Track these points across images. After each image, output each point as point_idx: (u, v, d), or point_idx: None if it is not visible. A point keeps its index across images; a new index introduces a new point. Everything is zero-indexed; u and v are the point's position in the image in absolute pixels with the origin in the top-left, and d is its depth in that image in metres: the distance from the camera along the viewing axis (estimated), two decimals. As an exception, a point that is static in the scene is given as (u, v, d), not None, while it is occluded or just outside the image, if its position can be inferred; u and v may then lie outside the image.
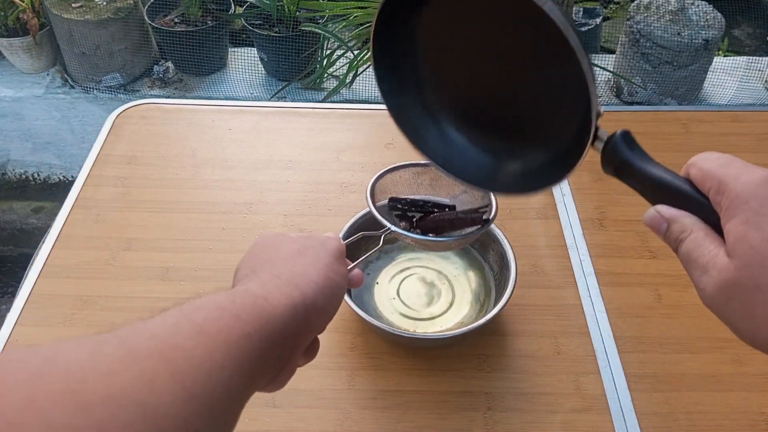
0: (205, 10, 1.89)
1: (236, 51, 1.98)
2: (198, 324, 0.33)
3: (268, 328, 0.36)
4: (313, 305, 0.41)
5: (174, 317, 0.33)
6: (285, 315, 0.38)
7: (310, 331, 0.42)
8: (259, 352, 0.35)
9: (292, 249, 0.45)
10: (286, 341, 0.38)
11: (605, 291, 0.76)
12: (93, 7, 1.79)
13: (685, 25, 1.67)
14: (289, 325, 0.38)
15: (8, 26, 1.83)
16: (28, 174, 2.07)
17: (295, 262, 0.43)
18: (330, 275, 0.43)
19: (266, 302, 0.37)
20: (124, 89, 1.90)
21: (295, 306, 0.39)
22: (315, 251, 0.45)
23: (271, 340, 0.36)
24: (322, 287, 0.42)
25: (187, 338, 0.32)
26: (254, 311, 0.36)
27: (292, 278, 0.41)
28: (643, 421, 0.64)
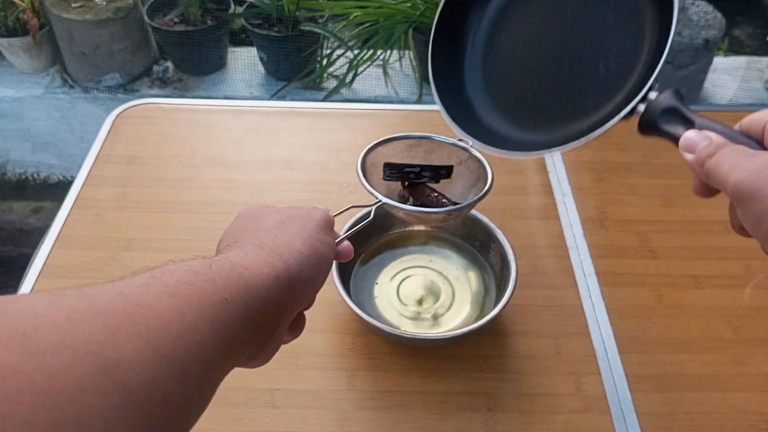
0: (204, 10, 1.88)
1: (236, 51, 1.98)
2: (169, 286, 0.32)
3: (247, 296, 0.35)
4: (298, 275, 0.39)
5: (144, 278, 0.32)
6: (267, 284, 0.37)
7: (295, 303, 0.40)
8: (239, 320, 0.33)
9: (276, 219, 0.44)
10: (269, 312, 0.37)
11: (606, 291, 0.76)
12: (93, 7, 1.79)
13: (685, 25, 1.67)
14: (271, 295, 0.37)
15: (8, 26, 1.83)
16: (28, 174, 2.06)
17: (280, 231, 0.42)
18: (315, 245, 0.42)
19: (246, 270, 0.36)
20: (123, 89, 1.90)
21: (278, 276, 0.38)
22: (300, 221, 0.44)
23: (251, 308, 0.35)
24: (307, 257, 0.41)
25: (156, 299, 0.30)
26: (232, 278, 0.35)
27: (275, 248, 0.40)
28: (644, 421, 0.64)
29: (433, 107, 1.03)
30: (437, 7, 0.49)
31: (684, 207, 0.86)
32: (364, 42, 1.70)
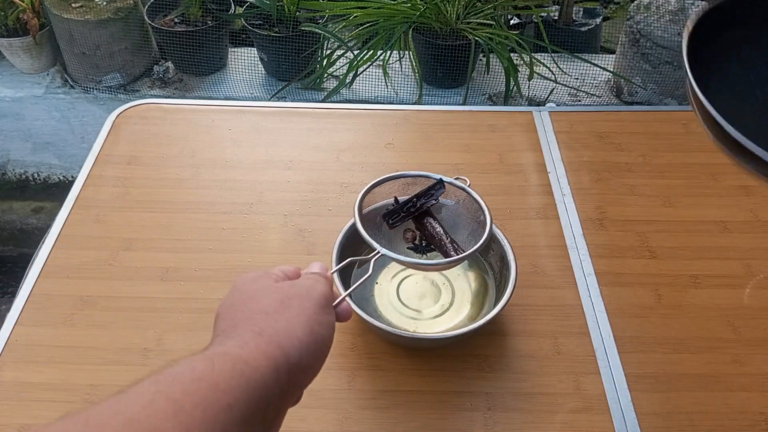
0: (205, 10, 1.89)
1: (236, 51, 1.97)
2: (175, 401, 0.32)
3: (249, 394, 0.35)
4: (297, 364, 0.39)
5: (149, 393, 0.32)
6: (266, 378, 0.37)
7: (295, 390, 0.40)
8: (241, 422, 0.34)
9: (274, 300, 0.43)
10: (271, 403, 0.37)
11: (605, 291, 0.76)
12: (93, 7, 1.79)
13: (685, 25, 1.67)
14: (271, 388, 0.37)
15: (8, 26, 1.83)
16: (28, 174, 2.07)
17: (278, 315, 0.41)
18: (315, 328, 0.41)
19: (246, 366, 0.36)
20: (124, 89, 1.90)
21: (278, 367, 0.38)
22: (299, 301, 0.43)
23: (253, 406, 0.35)
24: (307, 344, 0.40)
25: (163, 419, 0.31)
26: (234, 378, 0.35)
27: (274, 335, 0.40)
28: (643, 421, 0.64)
29: (433, 107, 1.04)
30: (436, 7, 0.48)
31: (683, 207, 0.86)
32: (364, 42, 1.70)
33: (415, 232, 0.67)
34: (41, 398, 0.66)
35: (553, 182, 0.90)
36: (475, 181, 0.89)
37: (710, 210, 0.86)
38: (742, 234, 0.83)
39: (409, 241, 0.67)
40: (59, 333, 0.71)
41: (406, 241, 0.67)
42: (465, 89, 1.74)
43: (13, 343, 0.70)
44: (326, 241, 0.77)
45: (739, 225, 0.84)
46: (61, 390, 0.66)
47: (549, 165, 0.92)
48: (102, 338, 0.71)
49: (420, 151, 0.95)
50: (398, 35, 1.67)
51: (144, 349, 0.70)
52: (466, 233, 0.66)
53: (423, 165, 0.92)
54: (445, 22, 1.70)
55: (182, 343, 0.70)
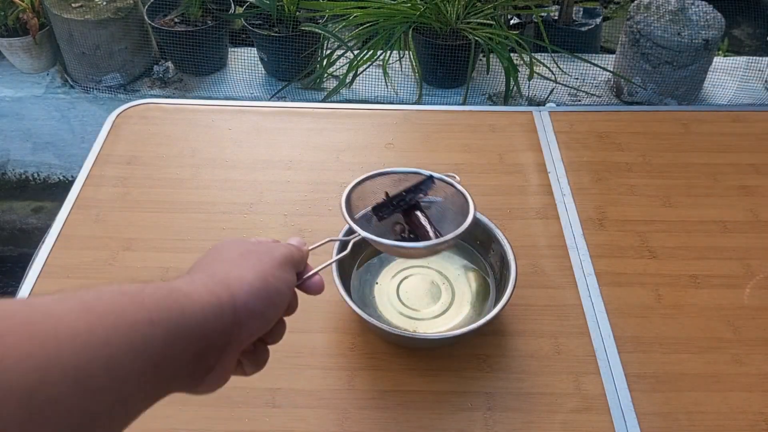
0: (205, 10, 1.89)
1: (236, 51, 1.98)
2: (87, 302, 0.32)
3: (181, 321, 0.35)
4: (244, 306, 0.40)
5: (68, 294, 0.32)
6: (206, 312, 0.37)
7: (242, 334, 0.40)
8: (166, 342, 0.34)
9: (236, 252, 0.45)
10: (209, 339, 0.37)
11: (605, 291, 0.76)
12: (93, 7, 1.79)
13: (685, 25, 1.67)
14: (210, 323, 0.37)
15: (8, 26, 1.83)
16: (28, 174, 2.07)
17: (235, 264, 0.43)
18: (269, 279, 0.43)
19: (186, 297, 0.37)
20: (124, 89, 1.90)
21: (222, 305, 0.39)
22: (258, 255, 0.44)
23: (185, 333, 0.35)
24: (257, 289, 0.41)
25: (67, 311, 0.30)
26: (164, 302, 0.35)
27: (225, 278, 0.41)
28: (643, 421, 0.64)
29: (433, 107, 1.04)
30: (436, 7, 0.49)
31: (683, 207, 0.86)
32: (364, 42, 1.70)
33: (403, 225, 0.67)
34: (41, 398, 0.65)
35: (553, 182, 0.90)
36: (475, 181, 0.90)
37: (710, 210, 0.86)
38: (741, 234, 0.83)
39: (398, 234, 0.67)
40: (59, 333, 0.71)
41: (394, 234, 0.67)
42: (465, 89, 1.74)
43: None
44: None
45: (739, 225, 0.84)
46: (61, 390, 0.66)
47: (549, 165, 0.92)
48: (102, 338, 0.71)
49: (420, 151, 0.95)
50: (398, 35, 1.67)
51: (144, 349, 0.70)
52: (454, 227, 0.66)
53: (423, 165, 0.91)
54: (445, 22, 1.70)
55: (182, 343, 0.70)
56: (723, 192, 0.89)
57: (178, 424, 0.64)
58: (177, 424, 0.64)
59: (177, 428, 0.63)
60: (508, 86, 1.69)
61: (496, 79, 1.80)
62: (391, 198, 0.66)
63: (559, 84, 1.82)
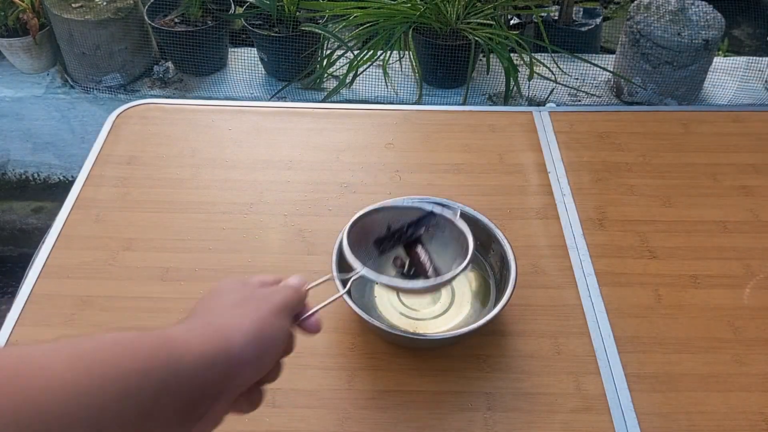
0: (205, 10, 1.89)
1: (236, 51, 1.98)
2: (78, 351, 0.32)
3: (173, 371, 0.36)
4: (239, 356, 0.40)
5: (59, 343, 0.33)
6: (201, 362, 0.38)
7: (235, 382, 0.41)
8: (154, 392, 0.34)
9: (234, 298, 0.45)
10: (203, 389, 0.38)
11: (605, 291, 0.76)
12: (93, 7, 1.79)
13: (685, 25, 1.67)
14: (204, 373, 0.38)
15: (8, 26, 1.83)
16: (28, 174, 2.07)
17: (233, 312, 0.43)
18: (265, 328, 0.43)
19: (182, 345, 0.37)
20: (124, 89, 1.90)
21: (216, 354, 0.39)
22: (256, 303, 0.45)
23: (176, 383, 0.36)
24: (253, 339, 0.42)
25: (58, 361, 0.31)
26: (159, 352, 0.36)
27: (222, 327, 0.41)
28: (643, 421, 0.64)
29: (433, 107, 1.04)
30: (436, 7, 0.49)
31: (683, 207, 0.86)
32: (364, 42, 1.70)
33: (404, 259, 0.68)
34: (41, 398, 0.65)
35: (553, 182, 0.90)
36: (475, 181, 0.90)
37: (710, 210, 0.86)
38: (741, 234, 0.83)
39: (398, 268, 0.68)
40: (59, 333, 0.71)
41: (395, 268, 0.69)
42: (465, 89, 1.74)
43: (13, 344, 0.70)
44: (326, 241, 0.77)
45: (739, 225, 0.84)
46: (61, 390, 0.66)
47: (549, 165, 0.92)
48: (102, 338, 0.71)
49: (420, 151, 0.95)
50: (398, 35, 1.67)
51: (144, 349, 0.70)
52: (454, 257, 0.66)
53: (423, 165, 0.92)
54: (445, 22, 1.70)
55: (182, 343, 0.70)
56: (723, 192, 0.89)
57: (178, 424, 0.64)
58: (177, 424, 0.64)
59: (177, 428, 0.63)
60: (508, 86, 1.69)
61: (496, 79, 1.80)
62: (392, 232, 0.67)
63: (559, 84, 1.82)
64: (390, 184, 0.89)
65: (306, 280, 0.52)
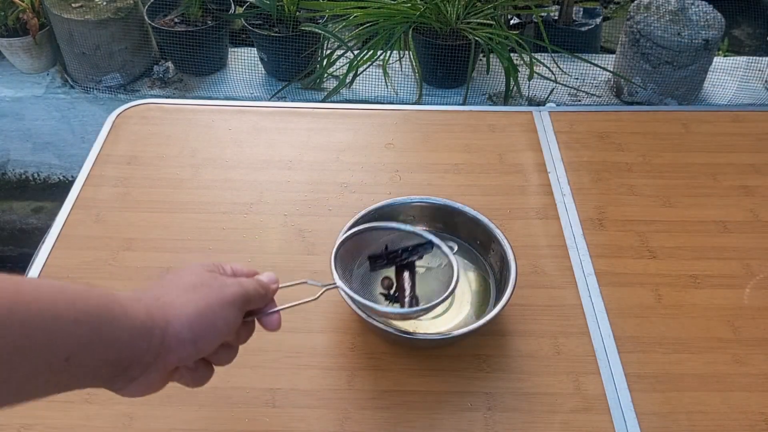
0: (205, 10, 1.89)
1: (236, 51, 1.97)
2: (21, 287, 0.36)
3: (105, 328, 0.39)
4: (175, 335, 0.43)
5: (21, 280, 0.37)
6: (136, 329, 0.41)
7: (169, 358, 0.44)
8: (78, 340, 0.37)
9: (191, 281, 0.47)
10: (134, 353, 0.41)
11: (605, 291, 0.76)
12: (93, 7, 1.79)
13: (685, 25, 1.67)
14: (138, 341, 0.41)
15: (8, 26, 1.83)
16: (28, 174, 2.07)
17: (183, 294, 0.46)
18: (208, 315, 0.45)
19: (121, 310, 0.41)
20: (124, 89, 1.90)
21: (153, 327, 0.42)
22: (208, 290, 0.47)
23: (105, 340, 0.39)
24: (191, 322, 0.44)
25: (4, 294, 0.35)
26: (97, 309, 0.39)
27: (166, 305, 0.44)
28: (643, 421, 0.64)
29: (433, 107, 1.04)
30: (436, 7, 0.49)
31: (683, 207, 0.86)
32: (364, 42, 1.70)
33: (392, 281, 0.69)
34: (41, 398, 0.65)
35: (553, 182, 0.90)
36: (475, 181, 0.90)
37: (710, 210, 0.86)
38: (742, 234, 0.83)
39: (384, 287, 0.69)
40: (59, 333, 0.71)
41: (382, 286, 0.69)
42: (465, 89, 1.74)
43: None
44: (326, 241, 0.77)
45: (739, 225, 0.84)
46: (61, 390, 0.66)
47: (549, 165, 0.92)
48: (102, 338, 0.71)
49: (420, 151, 0.95)
50: (398, 35, 1.67)
51: (144, 349, 0.70)
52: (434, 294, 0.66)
53: (423, 165, 0.92)
54: (445, 22, 1.70)
55: (182, 343, 0.70)
56: (723, 192, 0.89)
57: (178, 424, 0.64)
58: (177, 424, 0.64)
59: (177, 428, 0.63)
60: (508, 86, 1.69)
61: (496, 79, 1.80)
62: (388, 252, 0.67)
63: (559, 84, 1.82)
64: (390, 184, 0.89)
65: (278, 279, 0.54)
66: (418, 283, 0.67)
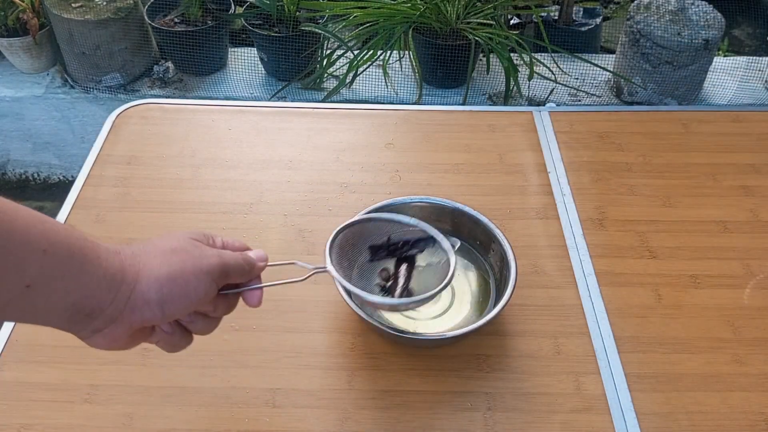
0: (205, 10, 1.89)
1: (236, 51, 1.98)
2: (3, 208, 0.37)
3: (73, 268, 0.40)
4: (141, 294, 0.43)
5: (19, 208, 0.38)
6: (106, 279, 0.41)
7: (133, 315, 0.43)
8: (42, 270, 0.38)
9: (173, 245, 0.47)
10: (98, 302, 0.41)
11: (605, 291, 0.76)
12: (93, 7, 1.80)
13: (685, 25, 1.67)
14: (104, 290, 0.41)
15: (8, 26, 1.83)
16: (28, 174, 2.07)
17: (161, 256, 0.45)
18: (178, 281, 0.45)
19: (94, 255, 0.41)
20: (124, 89, 1.90)
21: (122, 282, 0.42)
22: (185, 257, 0.46)
23: (69, 278, 0.39)
24: (161, 284, 0.44)
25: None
26: (68, 248, 0.40)
27: (140, 263, 0.44)
28: (643, 421, 0.64)
29: (433, 107, 1.04)
30: (436, 7, 0.49)
31: (683, 207, 0.86)
32: (364, 42, 1.70)
33: (389, 272, 0.69)
34: (41, 398, 0.66)
35: (553, 182, 0.90)
36: (475, 181, 0.90)
37: (710, 210, 0.86)
38: (742, 234, 0.83)
39: (381, 278, 0.69)
40: (59, 333, 0.71)
41: (379, 278, 0.69)
42: (465, 89, 1.74)
43: (13, 343, 0.70)
44: (326, 240, 0.77)
45: (739, 225, 0.84)
46: (61, 390, 0.66)
47: (549, 165, 0.92)
48: (102, 338, 0.71)
49: (420, 151, 0.95)
50: (398, 35, 1.67)
51: (144, 348, 0.69)
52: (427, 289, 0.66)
53: (423, 165, 0.92)
54: (445, 22, 1.70)
55: (182, 343, 0.70)
56: (723, 192, 0.89)
57: (178, 424, 0.64)
58: (177, 424, 0.64)
59: (177, 428, 0.64)
60: (508, 86, 1.69)
61: (496, 79, 1.80)
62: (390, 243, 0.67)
63: (559, 84, 1.82)
64: (390, 184, 0.89)
65: (267, 257, 0.53)
66: (416, 278, 0.67)
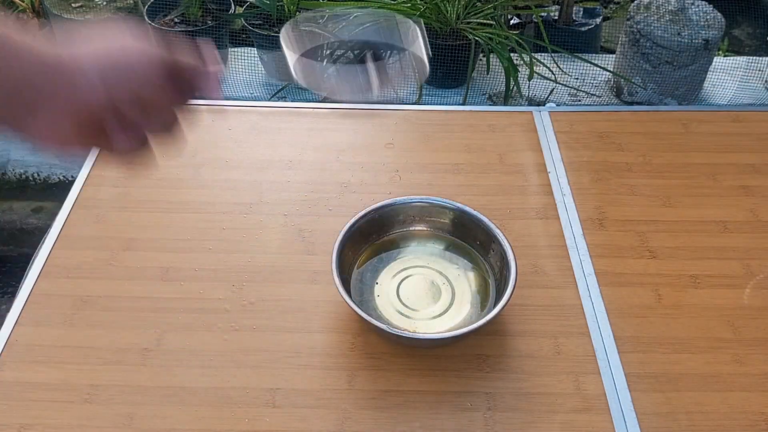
0: (205, 10, 1.88)
1: (236, 51, 1.97)
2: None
3: (11, 55, 0.38)
4: (80, 68, 0.40)
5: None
6: (41, 58, 0.39)
7: (73, 92, 0.40)
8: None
9: (112, 33, 0.43)
10: (31, 83, 0.39)
11: (605, 291, 0.76)
12: (93, 7, 1.79)
13: (685, 25, 1.67)
14: (37, 72, 0.39)
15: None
16: (28, 174, 2.06)
17: (100, 40, 0.42)
18: (119, 55, 0.41)
19: (28, 40, 0.39)
20: (124, 89, 1.90)
21: (58, 62, 0.40)
22: (125, 37, 0.42)
23: (5, 62, 0.38)
24: (99, 57, 0.41)
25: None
26: (4, 39, 0.38)
27: (80, 48, 0.41)
28: (643, 421, 0.64)
29: (433, 107, 1.04)
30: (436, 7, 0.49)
31: (683, 207, 0.86)
32: (364, 42, 1.70)
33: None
34: (41, 398, 0.66)
35: (553, 182, 0.90)
36: (475, 181, 0.90)
37: (710, 210, 0.86)
38: (742, 234, 0.83)
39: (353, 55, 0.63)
40: (59, 333, 0.71)
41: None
42: (465, 89, 1.74)
43: (13, 343, 0.70)
44: (326, 241, 0.77)
45: (739, 225, 0.84)
46: (61, 390, 0.66)
47: (549, 165, 0.92)
48: (102, 338, 0.71)
49: (420, 151, 0.95)
50: (398, 35, 1.66)
51: (144, 349, 0.70)
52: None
53: (423, 165, 0.92)
54: (445, 22, 1.70)
55: (182, 343, 0.70)
56: (723, 192, 0.89)
57: (178, 424, 0.64)
58: (177, 424, 0.64)
59: (177, 428, 0.64)
60: (508, 86, 1.69)
61: (496, 79, 1.80)
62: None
63: (559, 84, 1.82)
64: (390, 184, 0.89)
65: (221, 64, 0.47)
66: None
